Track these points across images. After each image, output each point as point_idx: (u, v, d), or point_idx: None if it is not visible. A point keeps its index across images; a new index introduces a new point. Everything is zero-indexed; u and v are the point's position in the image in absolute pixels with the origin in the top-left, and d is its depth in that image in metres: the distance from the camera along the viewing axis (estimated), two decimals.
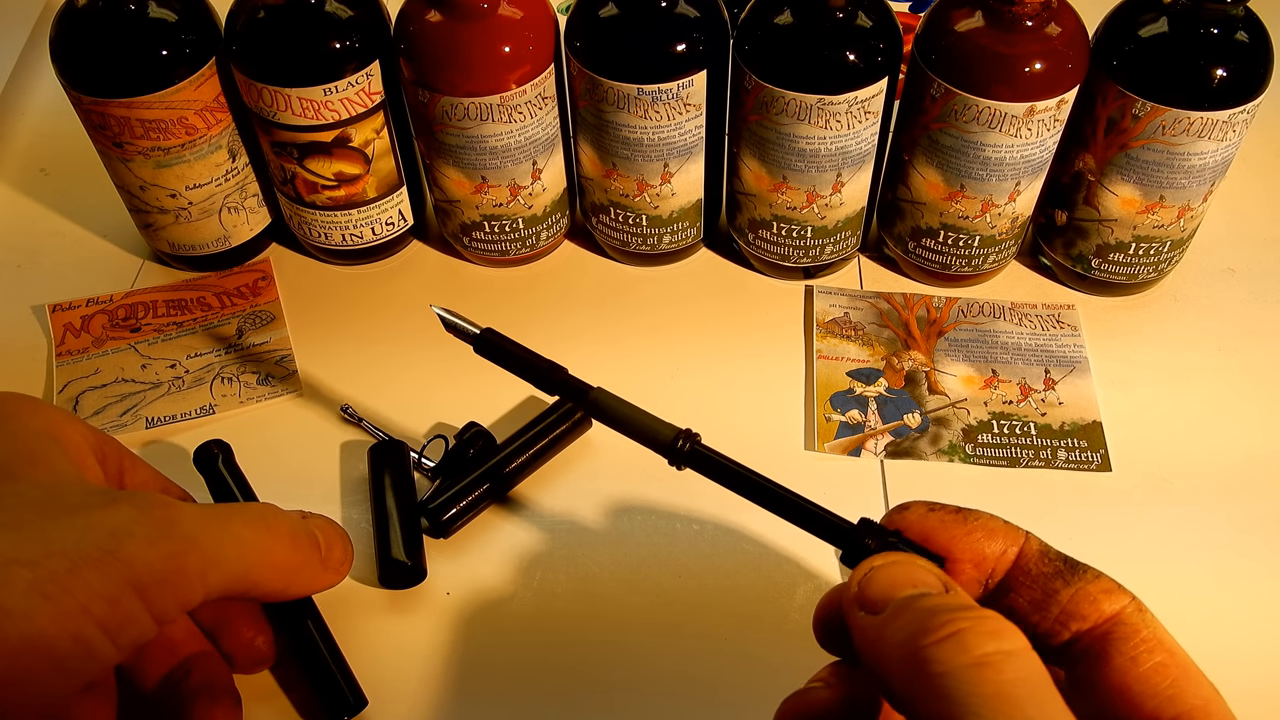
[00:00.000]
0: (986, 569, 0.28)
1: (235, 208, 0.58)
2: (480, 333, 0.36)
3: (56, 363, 0.55)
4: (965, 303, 0.58)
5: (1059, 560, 0.28)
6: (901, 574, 0.26)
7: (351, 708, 0.42)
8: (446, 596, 0.46)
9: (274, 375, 0.55)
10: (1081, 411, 0.53)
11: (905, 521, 0.29)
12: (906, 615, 0.24)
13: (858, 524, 0.29)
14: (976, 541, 0.28)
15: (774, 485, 0.31)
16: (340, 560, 0.38)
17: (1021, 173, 0.52)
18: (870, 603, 0.25)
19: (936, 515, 0.29)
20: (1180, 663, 0.26)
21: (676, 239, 0.59)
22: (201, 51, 0.53)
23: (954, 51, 0.50)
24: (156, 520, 0.28)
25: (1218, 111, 0.49)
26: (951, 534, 0.28)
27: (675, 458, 0.32)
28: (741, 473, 0.31)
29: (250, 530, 0.31)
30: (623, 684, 0.44)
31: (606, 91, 0.51)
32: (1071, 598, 0.27)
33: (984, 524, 0.29)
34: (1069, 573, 0.28)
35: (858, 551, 0.29)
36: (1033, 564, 0.28)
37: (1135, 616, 0.27)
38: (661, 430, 0.32)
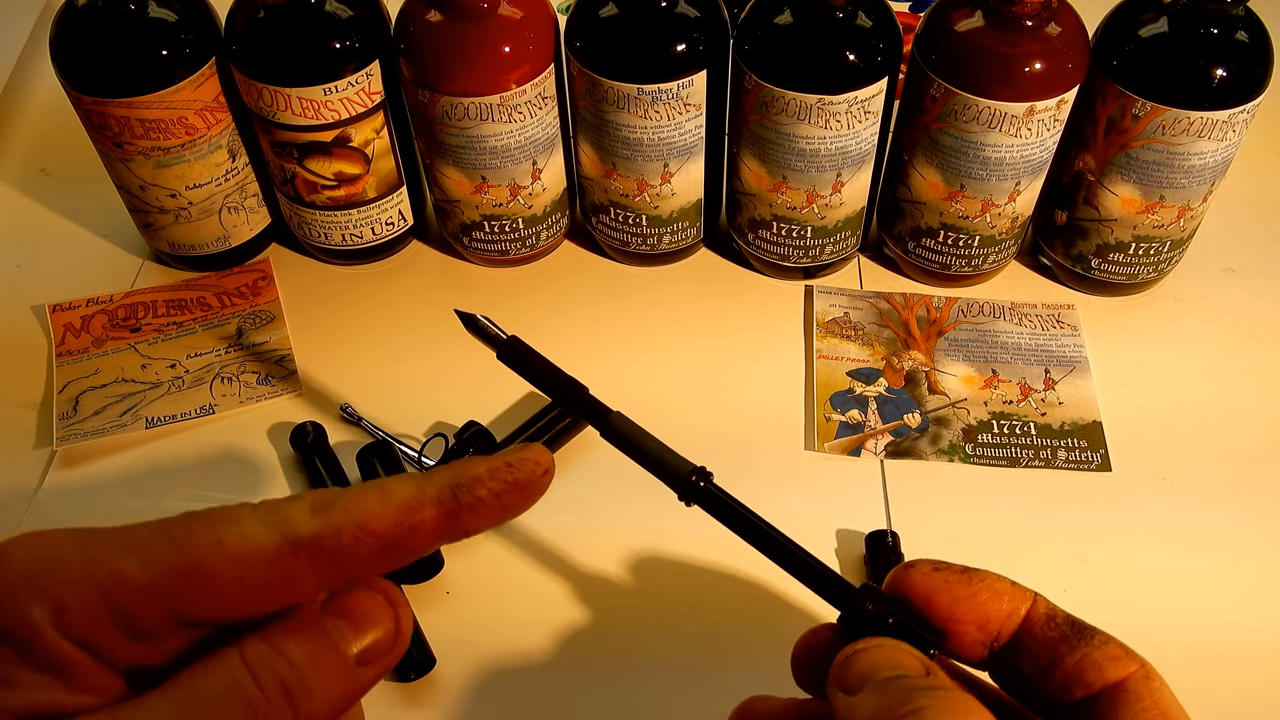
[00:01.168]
0: (991, 631, 0.28)
1: (235, 208, 0.58)
2: (507, 339, 0.35)
3: (57, 363, 0.55)
4: (965, 303, 0.58)
5: (1066, 624, 0.28)
6: (882, 657, 0.26)
7: (420, 666, 0.43)
8: (446, 596, 0.46)
9: (274, 375, 0.55)
10: (1081, 411, 0.53)
11: (909, 581, 0.29)
12: (880, 692, 0.25)
13: (860, 588, 0.29)
14: (982, 603, 0.28)
15: (781, 536, 0.30)
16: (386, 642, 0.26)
17: (1021, 173, 0.52)
18: (849, 684, 0.26)
19: (941, 575, 0.28)
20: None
21: (676, 239, 0.59)
22: (201, 51, 0.53)
23: (954, 51, 0.50)
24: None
25: (1217, 111, 0.49)
26: (955, 595, 0.28)
27: (686, 493, 0.31)
28: (750, 519, 0.31)
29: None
30: (624, 684, 0.44)
31: (606, 91, 0.51)
32: (1077, 664, 0.27)
33: (990, 585, 0.28)
34: (1075, 638, 0.27)
35: (857, 615, 0.29)
36: (1039, 628, 0.28)
37: (1141, 684, 0.27)
38: (677, 464, 0.31)
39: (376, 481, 0.25)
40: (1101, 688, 0.27)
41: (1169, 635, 0.45)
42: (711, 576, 0.47)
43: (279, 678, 0.23)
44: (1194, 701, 0.43)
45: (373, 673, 0.25)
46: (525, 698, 0.43)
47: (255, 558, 0.23)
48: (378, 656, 0.25)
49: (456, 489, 0.26)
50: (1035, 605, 0.28)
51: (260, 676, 0.23)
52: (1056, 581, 0.46)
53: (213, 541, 0.23)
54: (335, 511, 0.24)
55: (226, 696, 0.23)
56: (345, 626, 0.25)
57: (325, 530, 0.24)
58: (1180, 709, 0.27)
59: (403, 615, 0.26)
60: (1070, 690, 0.27)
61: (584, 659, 0.44)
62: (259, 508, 0.24)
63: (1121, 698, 0.26)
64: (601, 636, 0.45)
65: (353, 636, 0.25)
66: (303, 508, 0.24)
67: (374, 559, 0.25)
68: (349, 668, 0.25)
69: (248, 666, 0.23)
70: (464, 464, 0.27)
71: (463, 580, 0.47)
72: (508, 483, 0.27)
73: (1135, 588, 0.47)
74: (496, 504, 0.26)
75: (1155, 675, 0.27)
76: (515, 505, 0.27)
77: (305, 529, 0.24)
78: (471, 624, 0.45)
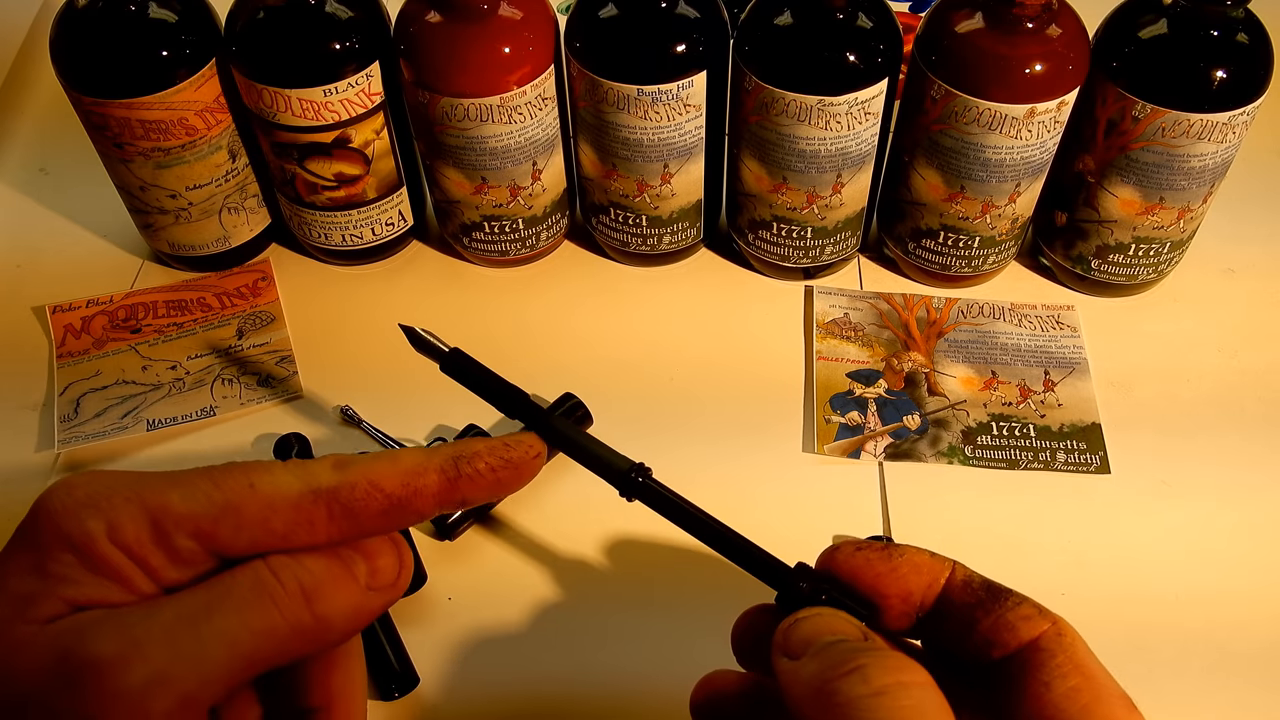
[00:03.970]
0: (914, 602, 0.30)
1: (235, 208, 0.58)
2: (449, 351, 0.36)
3: (58, 364, 0.55)
4: (965, 303, 0.58)
5: (982, 589, 0.29)
6: (823, 624, 0.28)
7: (403, 683, 0.43)
8: (449, 601, 0.46)
9: (274, 376, 0.55)
10: (1081, 413, 0.53)
11: (836, 561, 0.30)
12: (821, 656, 0.27)
13: (794, 568, 0.31)
14: (902, 577, 0.30)
15: (718, 524, 0.32)
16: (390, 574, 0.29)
17: (1021, 174, 0.52)
18: (791, 650, 0.28)
19: (863, 554, 0.30)
20: (1095, 687, 0.27)
21: (676, 239, 0.59)
22: (202, 52, 0.53)
23: (954, 53, 0.50)
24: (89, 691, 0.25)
25: (1217, 113, 0.49)
26: (877, 571, 0.30)
27: (627, 488, 0.33)
28: (688, 509, 0.32)
29: (240, 619, 0.26)
30: (625, 683, 0.44)
31: (606, 92, 0.51)
32: (992, 625, 0.28)
33: (909, 559, 0.30)
34: (990, 601, 0.29)
35: (793, 593, 0.30)
36: (957, 594, 0.29)
37: (1053, 641, 0.28)
38: (616, 461, 0.33)
39: (389, 450, 0.29)
40: (1017, 647, 0.28)
41: (1168, 636, 0.45)
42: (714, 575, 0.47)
43: (297, 578, 0.27)
44: (1194, 701, 0.43)
45: (379, 599, 0.29)
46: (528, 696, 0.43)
47: (281, 501, 0.27)
48: (383, 585, 0.29)
49: (458, 459, 0.30)
50: (954, 573, 0.30)
51: (281, 576, 0.27)
52: (1055, 584, 0.46)
53: (246, 484, 0.27)
54: (352, 469, 0.28)
55: (251, 587, 0.27)
56: (355, 555, 0.29)
57: (342, 483, 0.28)
58: (1095, 660, 0.28)
59: (404, 552, 0.30)
60: (988, 651, 0.28)
61: (587, 658, 0.44)
62: (289, 463, 0.28)
63: (1036, 656, 0.28)
64: (604, 635, 0.45)
65: (362, 563, 0.29)
66: (325, 465, 0.28)
67: (381, 515, 0.28)
68: (359, 586, 0.28)
69: (271, 569, 0.27)
70: (466, 441, 0.31)
71: (465, 584, 0.47)
72: (504, 459, 0.30)
73: (1134, 591, 0.47)
74: (492, 477, 0.30)
75: (1068, 631, 0.28)
76: (508, 481, 0.31)
77: (326, 481, 0.28)
78: (475, 627, 0.45)
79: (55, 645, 0.25)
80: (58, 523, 0.26)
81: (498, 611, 0.46)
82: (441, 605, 0.46)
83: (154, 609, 0.26)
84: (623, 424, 0.52)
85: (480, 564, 0.47)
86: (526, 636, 0.45)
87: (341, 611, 0.28)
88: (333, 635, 0.28)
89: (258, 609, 0.26)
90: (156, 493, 0.27)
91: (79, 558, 0.26)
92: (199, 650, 0.25)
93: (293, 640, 0.27)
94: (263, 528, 0.27)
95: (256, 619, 0.26)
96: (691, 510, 0.32)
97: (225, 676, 0.26)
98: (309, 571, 0.27)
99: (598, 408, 0.52)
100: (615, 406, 0.53)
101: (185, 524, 0.27)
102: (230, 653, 0.26)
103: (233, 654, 0.26)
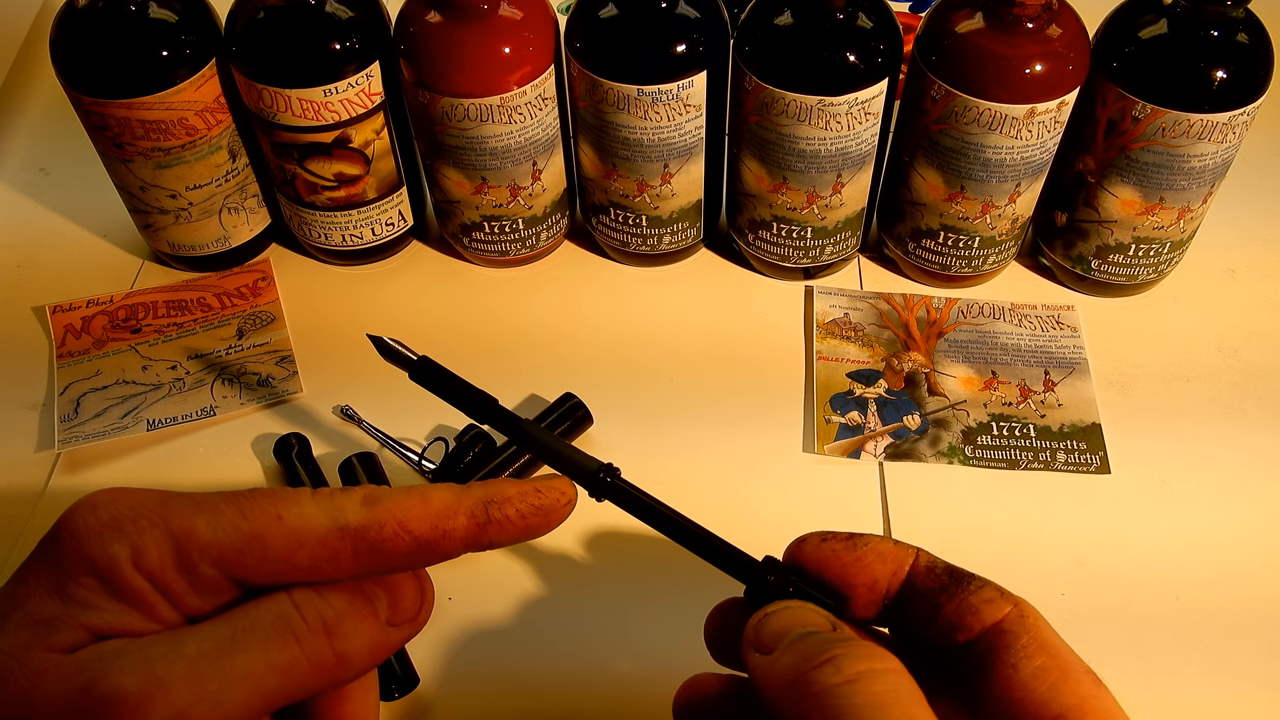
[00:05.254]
0: (880, 590, 0.30)
1: (235, 208, 0.58)
2: (417, 360, 0.36)
3: (58, 364, 0.56)
4: (965, 303, 0.58)
5: (945, 574, 0.30)
6: (793, 617, 0.28)
7: (403, 684, 0.43)
8: (449, 601, 0.46)
9: (274, 376, 0.55)
10: (1081, 413, 0.53)
11: (803, 553, 0.31)
12: (794, 649, 0.27)
13: (762, 561, 0.31)
14: (867, 566, 0.30)
15: (686, 521, 0.32)
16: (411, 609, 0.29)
17: (1022, 174, 0.52)
18: (763, 645, 0.28)
19: (828, 545, 0.30)
20: (1061, 664, 0.27)
21: (676, 239, 0.59)
22: (202, 52, 0.53)
23: (954, 53, 0.50)
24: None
25: (1218, 114, 0.49)
26: (843, 561, 0.30)
27: (596, 489, 0.33)
28: (656, 508, 0.33)
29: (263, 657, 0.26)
30: (625, 682, 0.44)
31: (606, 92, 0.51)
32: (955, 609, 0.29)
33: (873, 548, 0.30)
34: (953, 585, 0.29)
35: (761, 587, 0.31)
36: (920, 580, 0.30)
37: (1016, 623, 0.28)
38: (584, 463, 0.33)
39: (420, 487, 0.28)
40: (980, 630, 0.28)
41: (1168, 636, 0.45)
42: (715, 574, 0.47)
43: (320, 615, 0.27)
44: (1194, 700, 0.43)
45: (399, 634, 0.28)
46: (530, 697, 0.43)
47: (308, 536, 0.27)
48: (403, 620, 0.29)
49: (489, 504, 0.29)
50: (917, 560, 0.30)
51: (305, 612, 0.26)
52: (1055, 584, 0.47)
53: (274, 516, 0.27)
54: (381, 508, 0.27)
55: (275, 623, 0.26)
56: (378, 590, 0.28)
57: (371, 522, 0.27)
58: (1059, 640, 0.28)
59: (427, 586, 0.29)
60: (953, 635, 0.29)
61: (588, 657, 0.44)
62: (317, 493, 0.28)
63: (1001, 639, 0.28)
64: (604, 636, 0.45)
65: (384, 597, 0.28)
66: (355, 500, 0.28)
67: (407, 555, 0.28)
68: (380, 622, 0.28)
69: (294, 603, 0.27)
70: (498, 483, 0.30)
71: (466, 583, 0.47)
72: (534, 505, 0.29)
73: (1134, 591, 0.47)
74: (521, 523, 0.29)
75: (1031, 612, 0.28)
76: (537, 527, 0.30)
77: (355, 518, 0.27)
78: (476, 627, 0.45)
79: (76, 678, 0.24)
80: (81, 545, 0.26)
81: (497, 611, 0.46)
82: (441, 605, 0.46)
83: (177, 642, 0.25)
84: (623, 424, 0.52)
85: (480, 564, 0.47)
86: (526, 636, 0.45)
87: (361, 649, 0.27)
88: (351, 672, 0.28)
89: (280, 646, 0.26)
90: (182, 518, 0.26)
91: (102, 583, 0.26)
92: (221, 689, 0.25)
93: (312, 677, 0.27)
94: (287, 561, 0.27)
95: (279, 656, 0.26)
96: (660, 509, 0.32)
97: (244, 715, 0.25)
98: (331, 608, 0.27)
99: (598, 408, 0.52)
100: (615, 406, 0.53)
101: (210, 552, 0.26)
102: (252, 691, 0.25)
103: (254, 692, 0.25)
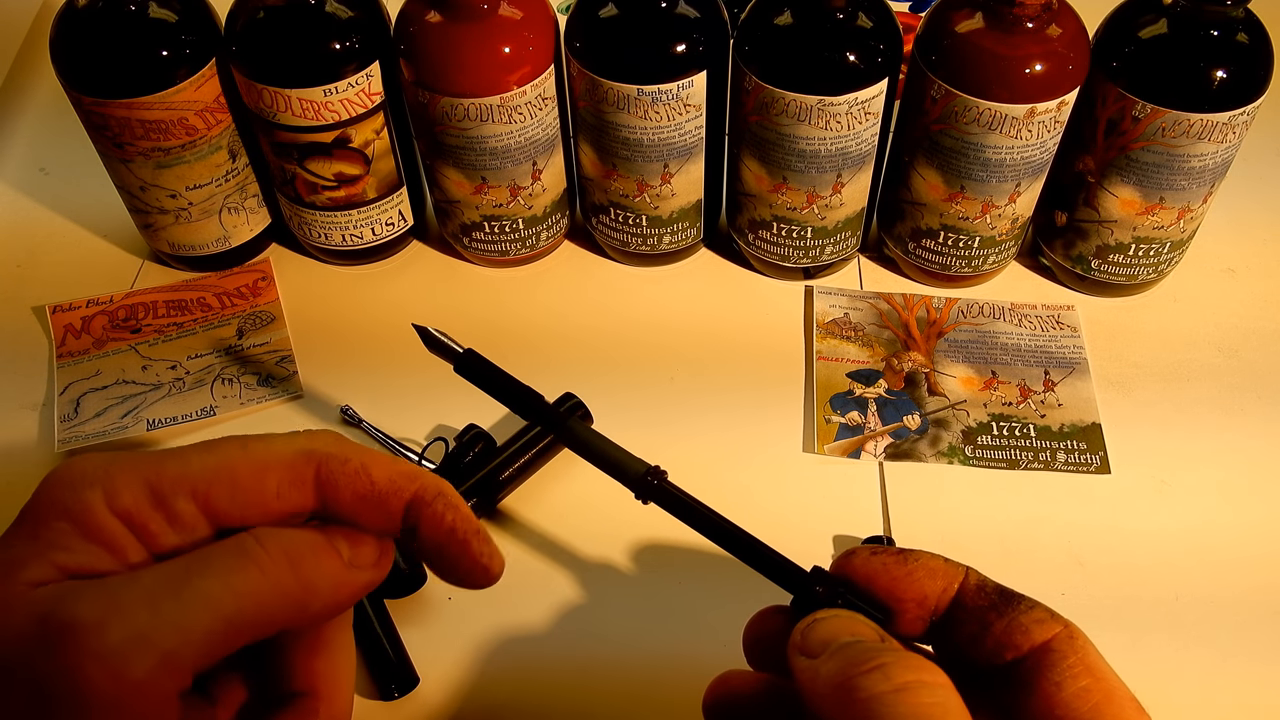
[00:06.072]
0: (929, 606, 0.30)
1: (235, 208, 0.58)
2: (463, 352, 0.36)
3: (58, 364, 0.56)
4: (965, 303, 0.58)
5: (995, 593, 0.30)
6: (841, 625, 0.29)
7: (403, 683, 0.43)
8: (449, 601, 0.46)
9: (274, 376, 0.55)
10: (1081, 413, 0.53)
11: (852, 566, 0.31)
12: (841, 654, 0.27)
13: (810, 571, 0.31)
14: (918, 582, 0.30)
15: (734, 528, 0.32)
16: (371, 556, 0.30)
17: (1022, 174, 0.52)
18: (810, 649, 0.28)
19: (879, 559, 0.31)
20: (1106, 687, 0.28)
21: (676, 239, 0.59)
22: (202, 52, 0.53)
23: (954, 53, 0.50)
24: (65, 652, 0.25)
25: (1217, 114, 0.49)
26: (893, 576, 0.30)
27: (643, 492, 0.33)
28: (705, 513, 0.32)
29: (222, 581, 0.26)
30: (626, 683, 0.44)
31: (606, 92, 0.51)
32: (1005, 628, 0.29)
33: (924, 564, 0.30)
34: (1003, 605, 0.29)
35: (807, 597, 0.31)
36: (970, 598, 0.30)
37: (1065, 644, 0.28)
38: (632, 465, 0.33)
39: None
40: (1029, 650, 0.29)
41: (1168, 636, 0.45)
42: (716, 575, 0.47)
43: (281, 546, 0.27)
44: (1194, 700, 0.43)
45: (361, 577, 0.29)
46: (532, 697, 0.43)
47: (275, 461, 0.28)
48: (365, 565, 0.29)
49: (441, 496, 0.30)
50: (967, 578, 0.30)
51: (265, 543, 0.27)
52: (1055, 584, 0.47)
53: (240, 446, 0.28)
54: (349, 446, 0.29)
55: (234, 551, 0.27)
56: (339, 535, 0.29)
57: (338, 453, 0.29)
58: (1105, 663, 0.28)
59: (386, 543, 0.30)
60: (1001, 654, 0.29)
61: (589, 657, 0.44)
62: (289, 433, 0.29)
63: (1048, 658, 0.28)
64: (605, 635, 0.45)
65: (345, 544, 0.29)
66: (327, 436, 0.29)
67: (360, 499, 0.29)
68: (342, 562, 0.29)
69: (255, 537, 0.27)
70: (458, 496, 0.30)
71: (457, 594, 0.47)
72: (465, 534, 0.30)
73: (1134, 591, 0.47)
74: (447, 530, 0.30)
75: (1079, 635, 0.29)
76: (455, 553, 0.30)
77: (321, 447, 0.29)
78: (477, 627, 0.45)
79: (37, 608, 0.25)
80: (54, 493, 0.27)
81: (498, 611, 0.46)
82: (441, 605, 0.46)
83: (137, 574, 0.26)
84: (623, 424, 0.52)
85: None
86: (527, 636, 0.45)
87: (325, 578, 0.28)
88: (316, 604, 0.28)
89: (240, 571, 0.27)
90: (152, 462, 0.28)
91: (74, 525, 0.27)
92: (179, 610, 0.26)
93: (275, 603, 0.27)
94: (257, 488, 0.28)
95: (239, 581, 0.27)
96: (708, 513, 0.32)
97: (207, 637, 0.26)
98: (291, 539, 0.28)
99: (598, 408, 0.52)
100: (615, 406, 0.53)
101: (181, 485, 0.27)
102: (212, 614, 0.26)
103: (214, 615, 0.26)
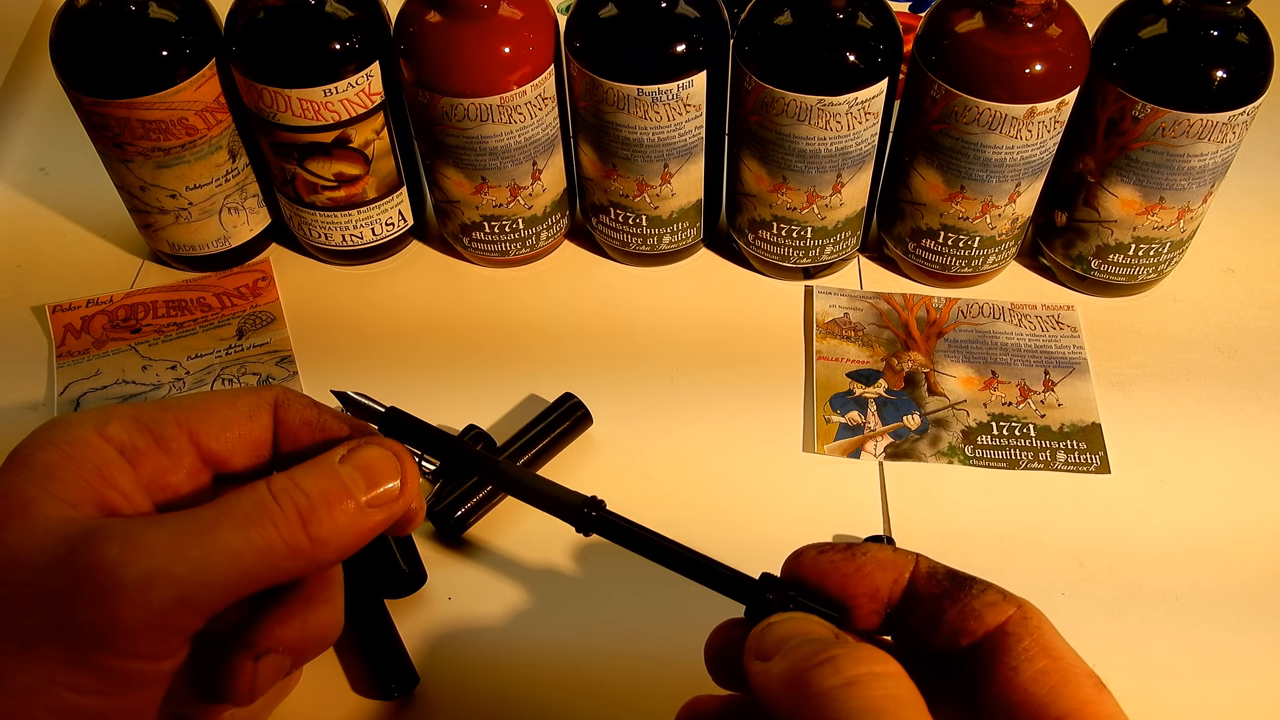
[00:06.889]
0: (882, 599, 0.30)
1: (235, 208, 0.58)
2: (385, 411, 0.36)
3: (58, 364, 0.56)
4: (965, 303, 0.58)
5: (946, 579, 0.29)
6: (794, 627, 0.28)
7: (403, 683, 0.43)
8: (449, 601, 0.46)
9: (274, 376, 0.55)
10: (1081, 413, 0.53)
11: (801, 567, 0.31)
12: (793, 653, 0.27)
13: (759, 579, 0.31)
14: (868, 575, 0.30)
15: (677, 546, 0.32)
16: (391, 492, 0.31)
17: (1022, 174, 0.52)
18: (764, 653, 0.28)
19: (826, 557, 0.30)
20: (1063, 667, 0.27)
21: (676, 239, 0.59)
22: (202, 52, 0.53)
23: (954, 53, 0.50)
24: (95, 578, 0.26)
25: (1218, 113, 0.49)
26: (843, 572, 0.30)
27: (582, 524, 0.32)
28: (647, 537, 0.32)
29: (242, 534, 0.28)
30: (626, 684, 0.44)
31: (606, 92, 0.51)
32: (958, 613, 0.29)
33: (873, 557, 0.30)
34: (955, 590, 0.29)
35: (759, 605, 0.30)
36: (922, 586, 0.30)
37: (1019, 626, 0.28)
38: (567, 499, 0.33)
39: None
40: (984, 634, 0.28)
41: (1168, 636, 0.45)
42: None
43: (294, 502, 0.29)
44: (1194, 700, 0.43)
45: (381, 515, 0.31)
46: (532, 697, 0.43)
47: (242, 391, 0.32)
48: (385, 502, 0.31)
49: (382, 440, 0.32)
50: (918, 566, 0.30)
51: (280, 499, 0.29)
52: (1055, 584, 0.47)
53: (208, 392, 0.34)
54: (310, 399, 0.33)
55: (253, 507, 0.29)
56: (358, 475, 0.30)
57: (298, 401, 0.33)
58: (1062, 641, 0.28)
59: (408, 469, 0.32)
60: (957, 640, 0.29)
61: (590, 657, 0.44)
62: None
63: (1004, 641, 0.28)
64: (606, 635, 0.45)
65: (364, 483, 0.30)
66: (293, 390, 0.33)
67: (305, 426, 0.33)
68: (357, 506, 0.30)
69: (271, 491, 0.29)
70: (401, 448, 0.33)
71: (465, 584, 0.47)
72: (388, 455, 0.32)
73: (1134, 591, 0.47)
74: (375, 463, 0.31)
75: (1034, 614, 0.28)
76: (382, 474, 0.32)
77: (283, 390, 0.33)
78: (477, 627, 0.45)
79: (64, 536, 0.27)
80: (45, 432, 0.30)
81: (498, 612, 0.46)
82: (441, 605, 0.46)
83: (159, 520, 0.28)
84: (623, 424, 0.52)
85: (480, 564, 0.47)
86: (527, 637, 0.45)
87: (335, 532, 0.30)
88: (329, 554, 0.30)
89: (258, 527, 0.28)
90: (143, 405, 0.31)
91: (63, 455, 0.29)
92: (201, 556, 0.27)
93: (288, 559, 0.29)
94: (230, 406, 0.32)
95: (258, 536, 0.28)
96: (649, 537, 0.32)
97: (224, 584, 0.28)
98: (305, 495, 0.29)
99: (597, 408, 0.52)
100: (615, 406, 0.53)
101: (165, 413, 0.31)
102: (231, 564, 0.28)
103: (233, 565, 0.28)
